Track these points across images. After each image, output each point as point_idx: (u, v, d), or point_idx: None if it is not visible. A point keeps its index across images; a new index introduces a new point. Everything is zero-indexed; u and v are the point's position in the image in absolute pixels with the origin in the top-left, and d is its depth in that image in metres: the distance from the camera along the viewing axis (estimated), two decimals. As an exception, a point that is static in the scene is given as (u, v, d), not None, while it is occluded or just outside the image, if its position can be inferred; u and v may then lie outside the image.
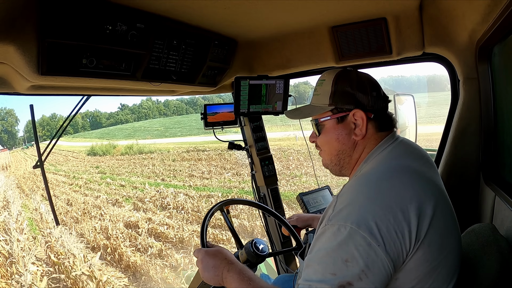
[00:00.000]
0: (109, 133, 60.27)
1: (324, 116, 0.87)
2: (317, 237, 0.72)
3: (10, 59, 0.84)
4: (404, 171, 0.75)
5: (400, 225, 0.64)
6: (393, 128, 0.88)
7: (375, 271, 0.62)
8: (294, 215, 1.39)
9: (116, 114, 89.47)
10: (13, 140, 72.93)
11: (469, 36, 1.16)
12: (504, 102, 1.11)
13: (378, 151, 0.82)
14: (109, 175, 21.28)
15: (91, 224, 10.61)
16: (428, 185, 0.73)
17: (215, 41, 1.37)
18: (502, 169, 1.17)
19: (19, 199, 15.13)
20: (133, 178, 19.08)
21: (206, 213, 1.17)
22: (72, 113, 1.46)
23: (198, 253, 0.99)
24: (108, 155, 34.88)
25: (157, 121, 67.66)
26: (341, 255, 0.64)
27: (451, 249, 0.71)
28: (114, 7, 0.95)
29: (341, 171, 0.91)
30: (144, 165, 23.94)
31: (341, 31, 1.40)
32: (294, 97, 1.91)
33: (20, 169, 29.35)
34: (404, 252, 0.65)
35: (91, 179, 20.21)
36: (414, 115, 1.94)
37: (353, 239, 0.63)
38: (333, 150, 0.88)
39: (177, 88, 1.54)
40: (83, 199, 14.61)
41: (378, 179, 0.73)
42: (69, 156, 37.67)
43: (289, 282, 1.36)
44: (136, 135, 49.91)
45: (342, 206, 0.69)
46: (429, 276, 0.67)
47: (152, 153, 30.48)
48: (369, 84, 0.86)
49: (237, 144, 1.98)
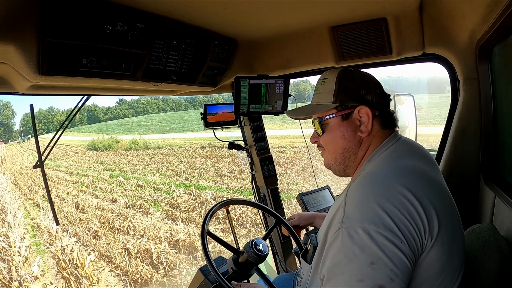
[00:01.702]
0: (108, 127, 59.05)
1: (329, 113, 0.86)
2: (329, 244, 0.68)
3: (10, 58, 0.84)
4: (409, 170, 0.74)
5: (416, 220, 0.63)
6: (396, 127, 0.88)
7: (404, 269, 0.60)
8: (295, 214, 1.39)
9: (114, 109, 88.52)
10: (9, 133, 70.60)
11: (469, 36, 1.16)
12: (504, 102, 1.11)
13: (382, 150, 0.82)
14: (119, 172, 18.78)
15: (120, 242, 7.71)
16: (433, 184, 0.73)
17: (215, 41, 1.37)
18: (502, 170, 1.17)
19: (16, 204, 12.46)
20: (149, 176, 16.54)
21: (204, 216, 1.16)
22: (72, 113, 1.46)
23: None
24: (111, 150, 32.35)
25: (156, 116, 66.64)
26: (365, 258, 0.60)
27: (458, 249, 0.71)
28: (114, 7, 0.95)
29: (345, 171, 0.89)
30: (156, 161, 21.33)
31: (341, 31, 1.40)
32: (294, 97, 1.91)
33: (17, 163, 27.35)
34: (421, 247, 0.64)
35: (98, 177, 17.80)
36: (414, 116, 1.94)
37: (375, 239, 0.60)
38: (338, 148, 0.87)
39: (177, 88, 1.54)
40: (95, 202, 11.96)
41: (385, 177, 0.72)
42: (67, 150, 35.45)
43: (289, 281, 1.36)
44: (136, 130, 48.35)
45: (353, 207, 0.67)
46: (439, 275, 0.67)
47: (161, 149, 27.90)
48: (372, 81, 0.86)
49: (237, 144, 1.98)
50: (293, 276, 1.31)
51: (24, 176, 19.59)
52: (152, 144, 30.96)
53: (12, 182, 18.69)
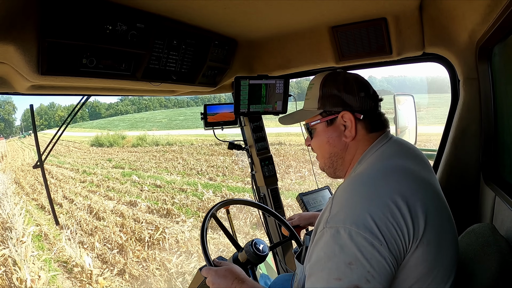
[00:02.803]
0: (110, 123, 58.08)
1: (314, 120, 0.88)
2: (315, 242, 0.70)
3: (10, 58, 0.84)
4: (398, 170, 0.75)
5: (399, 222, 0.64)
6: (386, 128, 0.87)
7: (381, 271, 0.61)
8: (295, 214, 1.39)
9: (116, 105, 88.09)
10: (9, 129, 69.05)
11: (469, 36, 1.16)
12: (504, 102, 1.11)
13: (371, 151, 0.82)
14: (131, 171, 17.07)
15: (157, 261, 5.91)
16: (422, 184, 0.73)
17: (215, 41, 1.37)
18: (502, 170, 1.17)
19: (17, 211, 10.14)
20: (166, 176, 14.84)
21: (204, 217, 1.16)
22: (72, 113, 1.46)
23: (207, 273, 0.98)
24: (117, 147, 30.57)
25: (159, 113, 65.82)
26: (344, 258, 0.62)
27: (448, 248, 0.71)
28: (114, 7, 0.95)
29: (335, 173, 0.91)
30: (169, 159, 19.65)
31: (341, 31, 1.40)
32: (294, 97, 1.91)
33: (18, 159, 26.02)
34: (404, 249, 0.64)
35: (107, 175, 16.15)
36: (414, 116, 1.94)
37: (355, 240, 0.62)
38: (325, 153, 0.89)
39: (177, 88, 1.54)
40: (110, 205, 10.21)
41: (371, 178, 0.73)
42: (70, 146, 33.58)
43: (288, 281, 1.36)
44: (140, 126, 46.87)
45: (338, 208, 0.68)
46: (428, 275, 0.67)
47: (171, 145, 26.15)
48: (357, 84, 0.85)
49: (237, 144, 1.98)
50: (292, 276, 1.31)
51: (26, 174, 18.22)
52: (161, 140, 29.24)
53: (14, 180, 17.20)
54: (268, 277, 1.61)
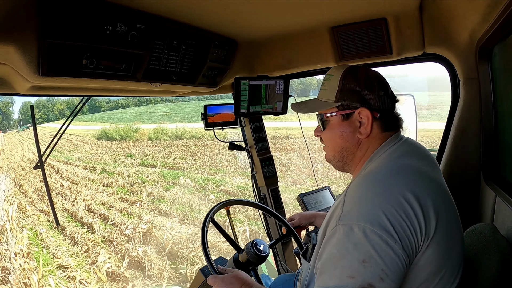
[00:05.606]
0: (112, 116, 55.57)
1: (330, 112, 0.86)
2: (326, 240, 0.69)
3: (10, 59, 0.85)
4: (409, 169, 0.75)
5: (412, 220, 0.64)
6: (399, 128, 0.87)
7: (395, 270, 0.61)
8: (296, 214, 1.38)
9: (116, 99, 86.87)
10: (7, 122, 67.25)
11: (469, 36, 1.16)
12: (505, 102, 1.11)
13: (383, 150, 0.82)
14: (172, 171, 13.14)
15: None
16: (432, 184, 0.73)
17: (215, 42, 1.37)
18: (503, 169, 1.17)
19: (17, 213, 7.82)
20: (229, 177, 11.45)
21: (204, 217, 1.15)
22: (72, 114, 1.46)
23: (213, 282, 0.97)
24: (130, 140, 26.50)
25: (163, 106, 63.82)
26: (357, 256, 0.61)
27: (455, 249, 0.71)
28: (114, 7, 0.95)
29: (343, 167, 0.91)
30: (206, 154, 16.16)
31: (341, 31, 1.40)
32: (294, 97, 1.91)
33: (16, 154, 23.15)
34: (416, 248, 0.64)
35: (140, 177, 12.21)
36: (415, 116, 1.94)
37: (369, 238, 0.61)
38: (336, 146, 0.88)
39: (177, 89, 1.54)
40: (181, 231, 6.58)
41: (385, 176, 0.72)
42: (74, 140, 29.92)
43: (289, 282, 1.36)
44: (144, 119, 43.47)
45: (351, 205, 0.68)
46: (436, 275, 0.67)
47: (198, 139, 21.88)
48: (378, 82, 0.84)
49: (238, 144, 1.98)
50: (293, 276, 1.31)
51: (27, 173, 15.20)
52: (186, 133, 24.88)
53: (13, 180, 14.00)
54: (268, 277, 1.61)
